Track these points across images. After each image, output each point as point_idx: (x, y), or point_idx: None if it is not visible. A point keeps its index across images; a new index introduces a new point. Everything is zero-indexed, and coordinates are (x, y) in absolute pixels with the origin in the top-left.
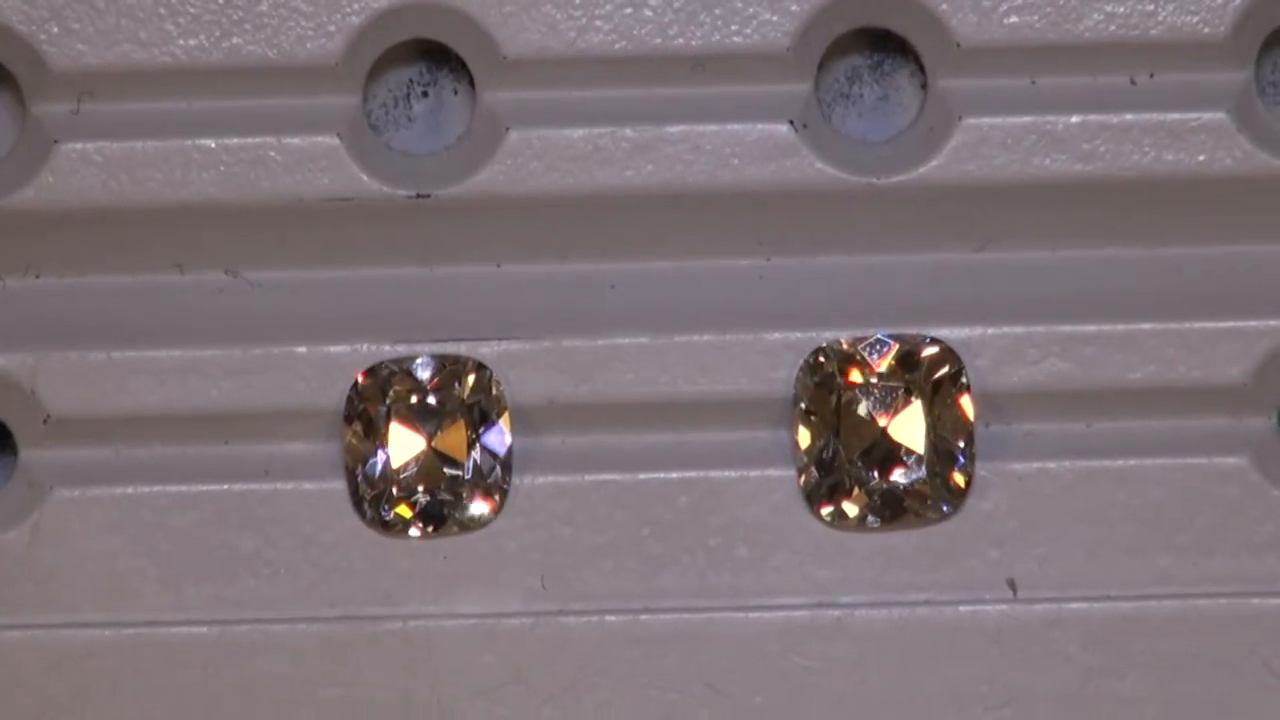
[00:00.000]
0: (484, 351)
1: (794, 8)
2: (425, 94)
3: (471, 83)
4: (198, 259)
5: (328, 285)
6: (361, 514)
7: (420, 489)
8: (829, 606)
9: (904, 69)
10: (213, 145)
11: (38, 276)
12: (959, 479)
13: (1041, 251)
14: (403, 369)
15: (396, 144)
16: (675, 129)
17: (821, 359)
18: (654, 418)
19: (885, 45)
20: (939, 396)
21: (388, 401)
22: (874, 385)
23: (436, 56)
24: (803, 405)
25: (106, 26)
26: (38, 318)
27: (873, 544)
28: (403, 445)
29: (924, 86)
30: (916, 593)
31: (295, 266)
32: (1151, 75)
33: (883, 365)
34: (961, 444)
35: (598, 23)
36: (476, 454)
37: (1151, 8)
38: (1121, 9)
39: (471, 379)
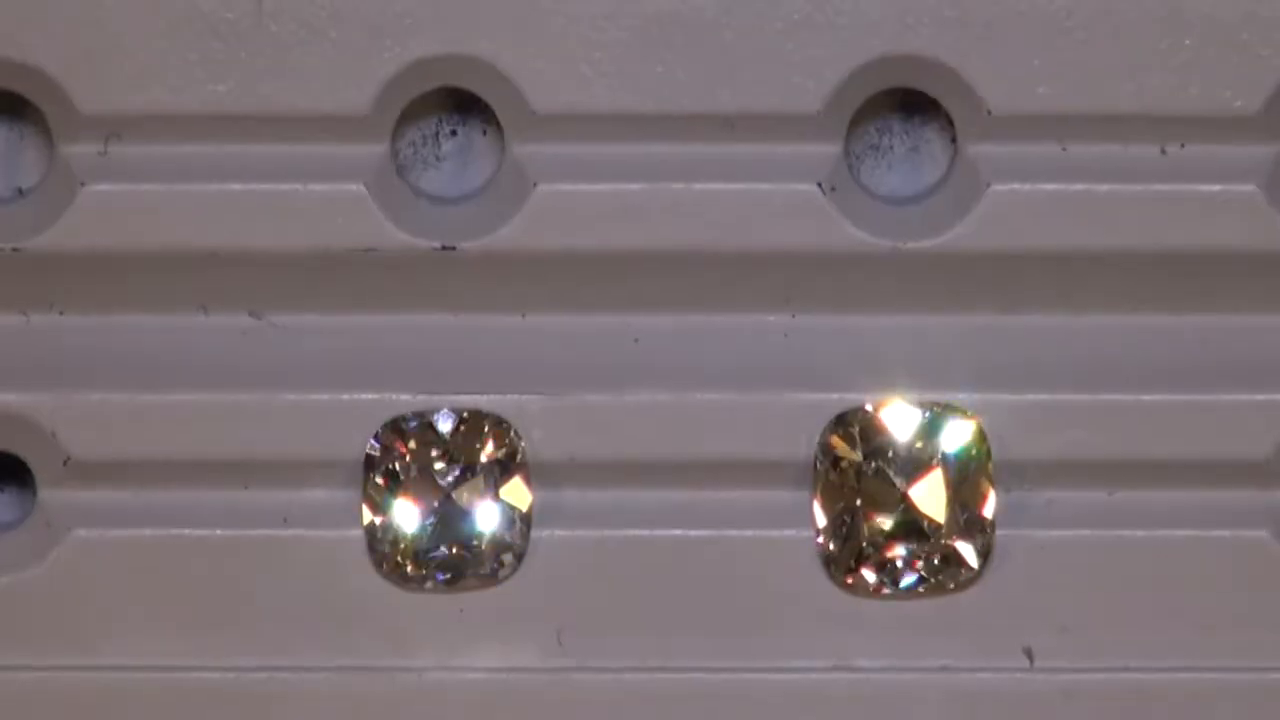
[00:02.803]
0: (506, 405)
1: (827, 71)
2: (454, 133)
3: (499, 125)
4: (222, 301)
5: (352, 331)
6: (378, 566)
7: (438, 542)
8: (845, 670)
9: (934, 121)
10: (239, 190)
11: (61, 313)
12: (979, 548)
13: (1067, 318)
14: (424, 421)
15: (424, 184)
16: (703, 187)
17: (844, 424)
18: (674, 476)
19: (916, 100)
20: (960, 463)
21: (408, 453)
22: (896, 452)
23: (466, 98)
24: (824, 469)
25: (136, 70)
26: (60, 358)
27: (890, 608)
28: (422, 498)
29: (954, 140)
30: (933, 659)
31: (320, 311)
32: (1183, 145)
33: (906, 432)
34: (982, 511)
35: (629, 81)
36: (496, 508)
37: (1185, 80)
38: (1154, 81)
39: (492, 433)
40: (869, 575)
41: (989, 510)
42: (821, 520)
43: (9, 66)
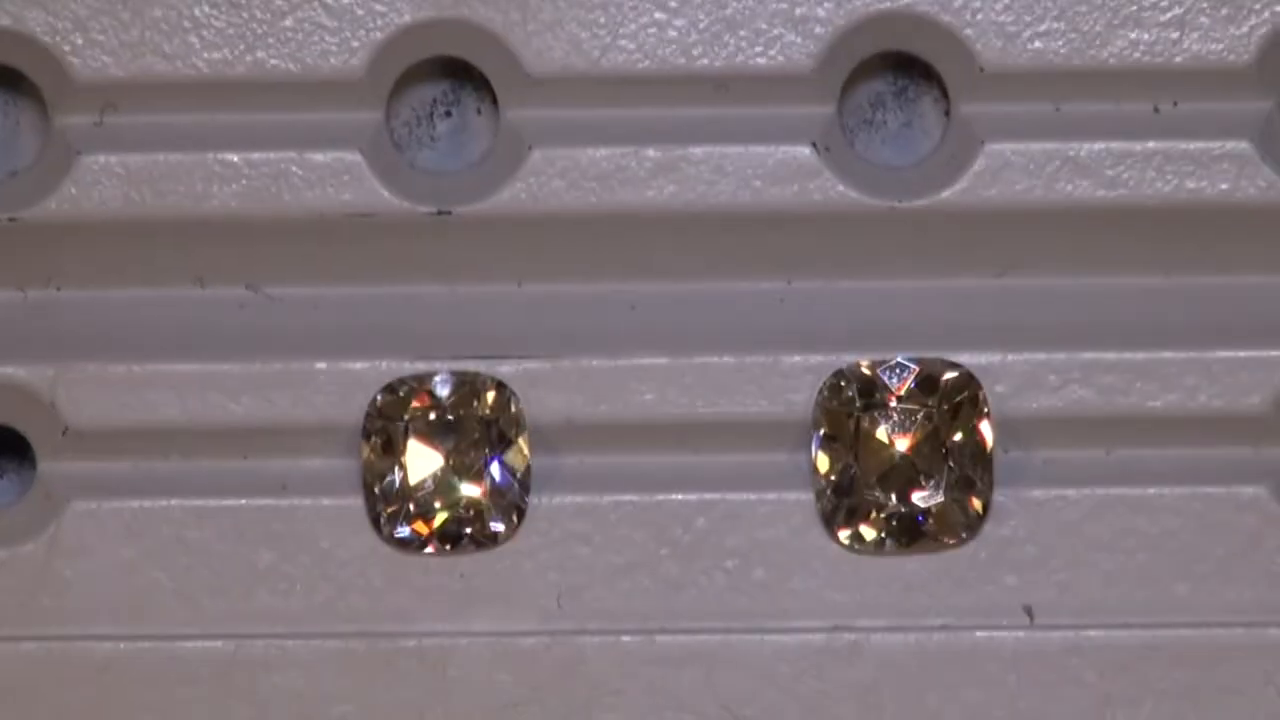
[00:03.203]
0: (503, 370)
1: (818, 30)
2: (449, 114)
3: (495, 102)
4: (218, 273)
5: (348, 301)
6: (378, 531)
7: (437, 506)
8: (846, 630)
9: (928, 95)
10: (235, 159)
11: (58, 288)
12: (977, 504)
13: (1063, 278)
14: (422, 386)
15: (419, 163)
16: (698, 149)
17: (841, 382)
18: (672, 439)
19: (909, 71)
20: (958, 421)
21: (406, 418)
22: (893, 409)
23: (460, 76)
24: (822, 428)
25: (130, 39)
26: (58, 330)
27: (890, 568)
28: (420, 462)
29: (947, 113)
30: (934, 618)
31: (316, 282)
32: (1175, 103)
33: (902, 389)
34: (980, 470)
35: (622, 42)
36: (494, 472)
37: (1176, 35)
38: (1146, 36)
39: (490, 397)
40: (868, 533)
41: (987, 467)
42: (820, 480)
43: (3, 37)
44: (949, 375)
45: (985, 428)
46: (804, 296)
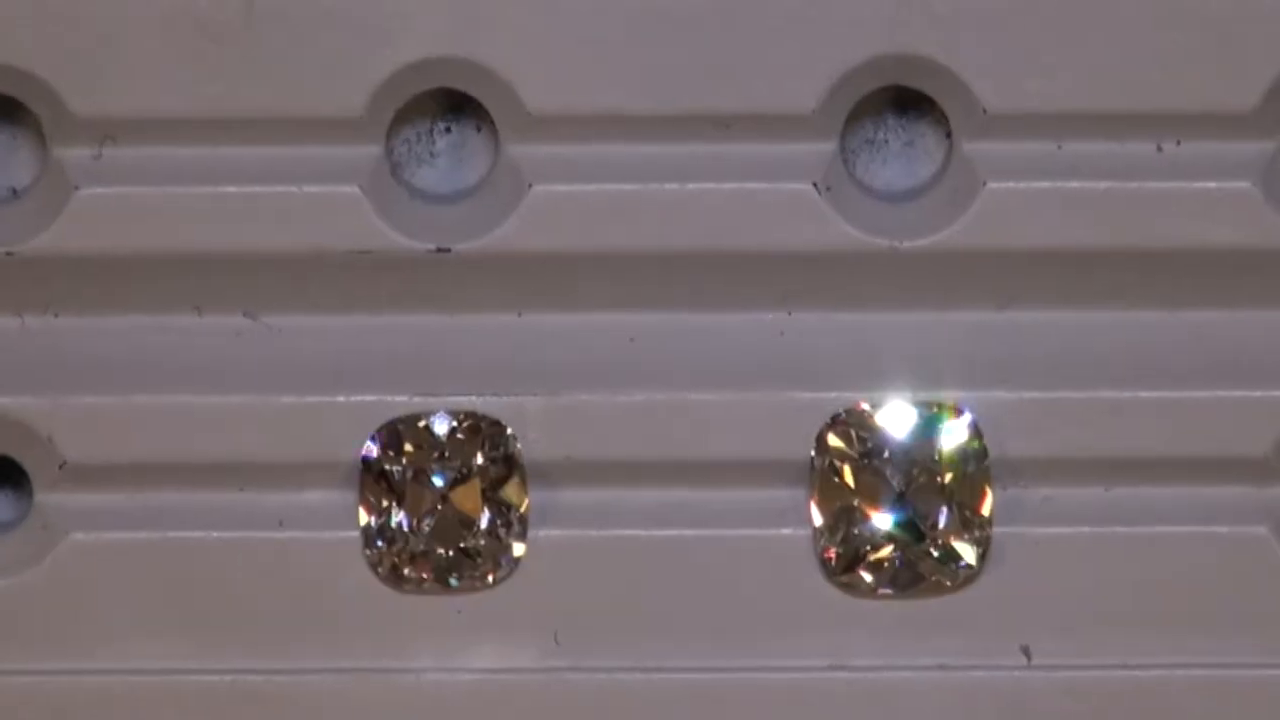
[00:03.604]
0: (501, 405)
1: (821, 70)
2: (448, 130)
3: (494, 124)
4: (216, 303)
5: (347, 333)
6: (375, 568)
7: (435, 543)
8: (842, 669)
9: (929, 115)
10: (233, 192)
11: (56, 316)
12: (976, 544)
13: (1064, 315)
14: (420, 425)
15: (418, 181)
16: (698, 187)
17: (841, 423)
18: (671, 475)
19: (911, 94)
20: (957, 462)
21: (404, 455)
22: (892, 451)
23: (460, 95)
24: (821, 468)
25: (130, 72)
26: (55, 361)
27: (888, 607)
28: (418, 500)
29: (949, 135)
30: (931, 657)
31: (314, 313)
32: (1179, 142)
33: (902, 431)
34: (979, 510)
35: (623, 80)
36: (492, 509)
37: (1181, 76)
38: (1150, 77)
39: (488, 435)
40: (866, 575)
41: (986, 509)
42: (818, 520)
43: (2, 70)
44: (948, 416)
45: (984, 466)
46: (804, 332)
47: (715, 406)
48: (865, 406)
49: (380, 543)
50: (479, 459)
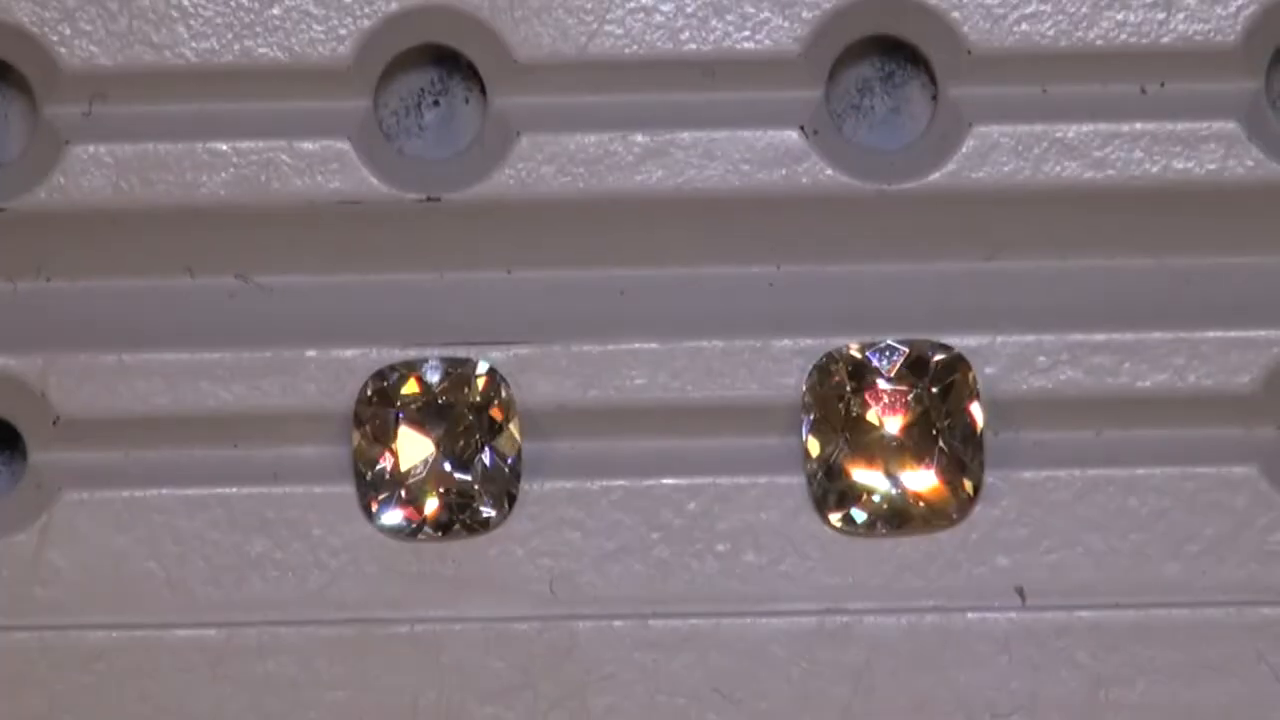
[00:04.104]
0: (493, 355)
1: (805, 14)
2: (436, 103)
3: (483, 91)
4: (208, 262)
5: (338, 289)
6: (370, 517)
7: (428, 493)
8: (837, 612)
9: (915, 80)
10: (224, 148)
11: (48, 279)
12: (968, 486)
13: (1051, 259)
14: (412, 373)
15: (408, 151)
16: (686, 134)
17: (831, 365)
18: (663, 423)
19: (896, 55)
20: (948, 403)
21: (397, 405)
22: (883, 391)
23: (448, 64)
24: (812, 412)
25: (119, 28)
26: (48, 320)
27: (881, 550)
28: (411, 449)
29: (935, 98)
30: (925, 599)
31: (306, 270)
32: (1162, 84)
33: (892, 371)
34: (970, 451)
35: (609, 27)
36: (485, 458)
37: (1163, 16)
38: (1133, 17)
39: (481, 383)
40: (859, 515)
41: (978, 448)
42: (811, 463)
43: None
44: (939, 357)
45: (975, 409)
46: (793, 280)
47: (706, 354)
48: (854, 348)
49: (374, 493)
50: (472, 407)
